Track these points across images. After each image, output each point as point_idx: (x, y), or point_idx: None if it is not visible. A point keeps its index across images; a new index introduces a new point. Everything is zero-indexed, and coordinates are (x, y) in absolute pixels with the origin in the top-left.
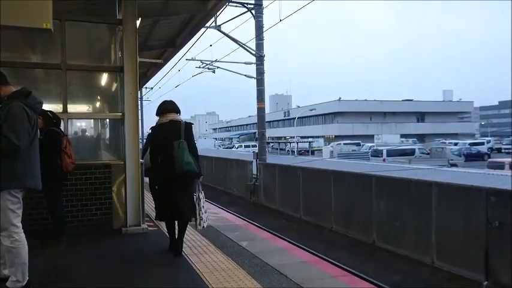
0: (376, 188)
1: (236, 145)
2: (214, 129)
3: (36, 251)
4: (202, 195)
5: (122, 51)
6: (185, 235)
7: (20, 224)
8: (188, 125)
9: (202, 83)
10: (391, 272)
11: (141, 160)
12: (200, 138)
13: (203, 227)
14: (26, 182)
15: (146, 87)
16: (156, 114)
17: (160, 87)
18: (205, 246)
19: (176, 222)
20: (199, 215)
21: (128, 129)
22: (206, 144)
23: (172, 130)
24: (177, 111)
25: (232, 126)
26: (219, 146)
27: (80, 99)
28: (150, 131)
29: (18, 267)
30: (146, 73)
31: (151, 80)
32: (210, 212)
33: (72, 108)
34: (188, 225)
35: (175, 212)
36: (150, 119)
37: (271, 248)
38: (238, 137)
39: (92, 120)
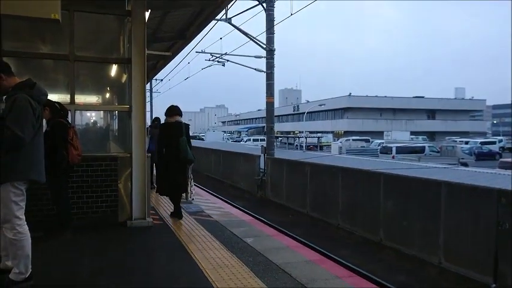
0: (384, 186)
1: (245, 139)
2: (223, 122)
3: (40, 242)
4: (191, 177)
5: (130, 43)
6: (190, 230)
7: (23, 217)
8: (187, 126)
9: (212, 76)
10: (397, 271)
11: (147, 154)
12: (209, 131)
13: (192, 199)
14: (29, 174)
15: (156, 79)
16: (165, 115)
17: (170, 80)
18: (210, 241)
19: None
20: (190, 190)
21: (135, 122)
22: (214, 137)
23: (177, 128)
24: (181, 114)
25: (241, 120)
26: (228, 139)
27: (88, 90)
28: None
29: (21, 259)
30: (156, 65)
31: (160, 72)
32: (216, 207)
33: (80, 99)
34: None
35: (174, 187)
36: (158, 112)
37: (276, 246)
38: (247, 131)
39: (99, 112)
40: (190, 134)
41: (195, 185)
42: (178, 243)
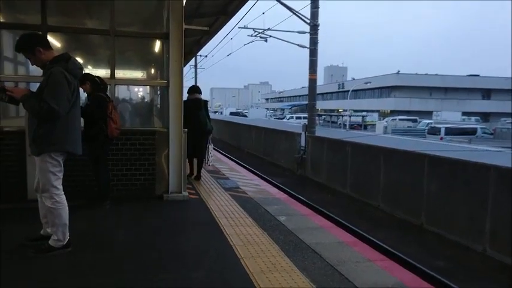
0: (428, 169)
1: (287, 116)
2: (267, 99)
3: (79, 212)
4: (211, 146)
5: (168, 18)
6: (224, 206)
7: (60, 186)
8: (205, 102)
9: (256, 52)
10: (437, 256)
11: (184, 129)
12: (252, 108)
13: (210, 164)
14: (64, 146)
15: (200, 55)
16: (187, 93)
17: (213, 56)
18: (243, 218)
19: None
20: (207, 158)
21: (172, 97)
22: (257, 114)
23: (197, 104)
24: (200, 92)
25: (285, 97)
26: (270, 116)
27: (128, 65)
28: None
29: (59, 227)
30: (199, 40)
31: (204, 48)
32: (252, 183)
33: (120, 74)
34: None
35: (197, 153)
36: (202, 89)
37: (309, 225)
38: (290, 108)
39: (138, 86)
40: (234, 111)
41: (214, 148)
42: (211, 218)
